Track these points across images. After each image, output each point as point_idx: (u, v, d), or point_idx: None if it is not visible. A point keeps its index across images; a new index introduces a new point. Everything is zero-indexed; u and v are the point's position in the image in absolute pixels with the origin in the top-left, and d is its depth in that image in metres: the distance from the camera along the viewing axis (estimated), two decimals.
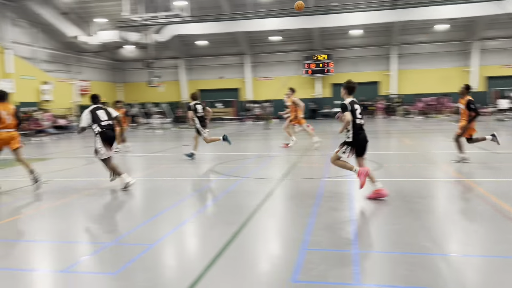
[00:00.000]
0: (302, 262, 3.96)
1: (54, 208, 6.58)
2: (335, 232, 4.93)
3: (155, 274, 3.86)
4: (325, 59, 36.07)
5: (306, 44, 36.88)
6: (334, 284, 3.53)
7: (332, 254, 4.20)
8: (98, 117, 7.89)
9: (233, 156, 12.40)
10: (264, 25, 31.60)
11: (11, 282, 3.75)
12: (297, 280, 3.57)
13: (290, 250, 4.36)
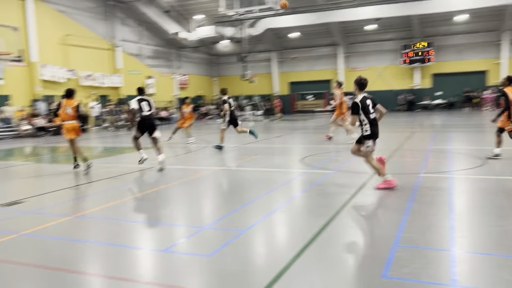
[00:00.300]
0: (393, 258, 3.84)
1: (156, 193, 7.14)
2: (431, 230, 4.68)
3: (246, 260, 4.02)
4: (425, 47, 33.91)
5: (404, 32, 35.03)
6: (429, 283, 3.37)
7: (427, 252, 4.00)
8: (141, 108, 9.39)
9: (323, 149, 12.30)
10: (358, 14, 30.65)
11: (119, 258, 4.17)
12: (388, 277, 3.48)
13: (380, 246, 4.25)
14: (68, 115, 9.43)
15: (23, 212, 6.04)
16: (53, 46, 25.60)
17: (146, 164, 9.69)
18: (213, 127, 24.28)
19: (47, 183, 8.69)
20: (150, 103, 9.62)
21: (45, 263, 3.99)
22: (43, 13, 24.82)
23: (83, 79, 27.45)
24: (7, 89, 22.90)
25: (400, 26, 34.51)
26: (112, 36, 30.02)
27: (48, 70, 24.90)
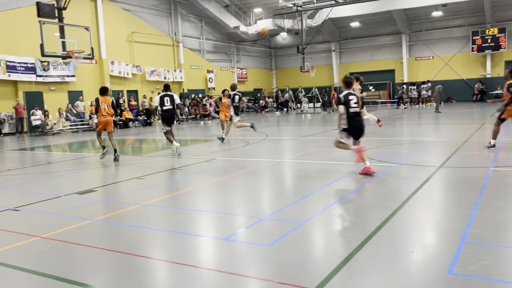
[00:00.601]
0: (460, 255, 3.67)
1: (216, 184, 7.33)
2: (502, 226, 4.42)
3: (306, 251, 4.03)
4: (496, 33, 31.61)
5: (474, 18, 32.95)
6: (499, 282, 3.20)
7: (497, 249, 3.79)
8: (163, 102, 10.97)
9: (385, 141, 11.95)
10: (423, 0, 29.21)
11: (182, 244, 4.36)
12: (455, 273, 3.34)
13: (446, 242, 4.08)
14: (104, 111, 10.50)
15: (96, 200, 6.47)
16: (120, 43, 26.93)
17: (205, 157, 9.98)
18: (271, 120, 24.38)
19: (116, 173, 9.23)
20: (173, 98, 11.13)
21: (115, 247, 4.26)
22: (111, 12, 26.16)
23: (148, 74, 28.65)
24: (79, 85, 24.48)
25: (470, 12, 32.49)
26: (175, 32, 31.00)
27: (115, 67, 26.26)
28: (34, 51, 20.69)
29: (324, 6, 30.45)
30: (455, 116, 20.88)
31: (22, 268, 3.82)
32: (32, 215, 5.74)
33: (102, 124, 10.68)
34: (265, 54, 42.25)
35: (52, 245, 4.42)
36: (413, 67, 36.13)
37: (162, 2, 30.26)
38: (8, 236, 4.80)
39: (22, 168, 10.40)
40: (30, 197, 6.84)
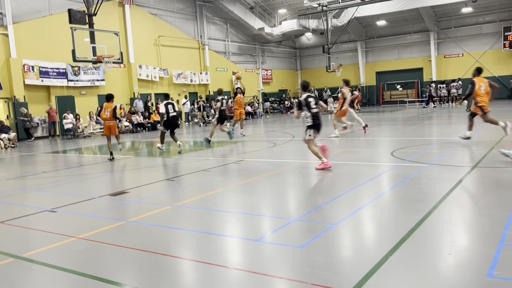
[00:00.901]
0: (500, 257, 3.57)
1: (245, 185, 7.36)
2: None
3: (338, 253, 4.01)
4: None
5: (505, 13, 32.00)
6: None
7: None
8: (168, 110, 12.19)
9: (414, 141, 11.73)
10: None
11: (215, 245, 4.40)
12: (495, 276, 3.25)
13: (484, 244, 3.97)
14: (107, 116, 11.46)
15: (128, 201, 6.62)
16: (148, 47, 27.42)
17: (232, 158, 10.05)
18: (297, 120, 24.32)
19: (146, 175, 9.40)
20: (174, 106, 12.51)
21: (148, 247, 4.34)
22: (139, 17, 26.68)
23: (175, 77, 29.04)
24: (109, 89, 25.03)
25: (500, 7, 31.57)
26: (200, 35, 31.33)
27: (143, 70, 26.75)
28: (65, 56, 21.33)
29: (349, 5, 30.16)
30: None
31: (62, 267, 3.94)
32: (68, 216, 5.91)
33: (106, 128, 11.72)
34: (290, 55, 42.16)
35: (89, 246, 4.54)
36: (441, 65, 35.33)
37: (187, 6, 30.64)
38: (47, 237, 4.96)
39: (56, 171, 10.72)
40: (65, 198, 7.04)
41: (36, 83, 21.58)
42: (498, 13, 32.26)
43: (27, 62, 21.16)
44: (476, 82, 10.05)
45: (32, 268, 4.00)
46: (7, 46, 20.71)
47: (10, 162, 13.40)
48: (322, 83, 39.30)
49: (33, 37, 21.58)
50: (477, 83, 10.04)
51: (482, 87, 10.07)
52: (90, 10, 17.13)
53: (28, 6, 21.72)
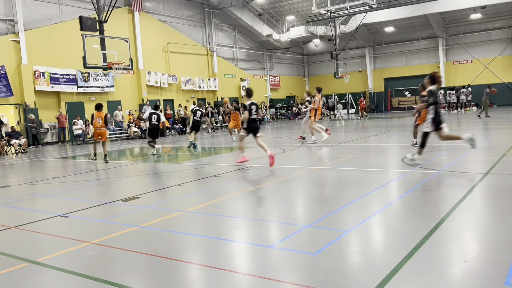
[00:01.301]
0: None
1: (256, 191, 7.36)
2: None
3: (353, 259, 3.99)
4: None
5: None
6: None
7: None
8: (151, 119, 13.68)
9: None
10: (461, 3, 28.49)
11: (228, 251, 4.39)
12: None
13: (500, 251, 3.93)
14: (98, 124, 12.65)
15: (140, 207, 6.64)
16: (157, 54, 27.64)
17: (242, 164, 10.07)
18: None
19: (156, 180, 9.43)
20: (159, 117, 13.74)
21: (161, 253, 4.35)
22: (148, 24, 26.92)
23: (183, 83, 29.21)
24: (118, 95, 25.25)
25: (510, 13, 31.47)
26: (209, 42, 31.51)
27: (152, 76, 26.94)
28: (75, 63, 21.58)
29: (357, 12, 30.20)
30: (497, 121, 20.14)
31: (76, 272, 3.96)
32: (80, 221, 5.94)
33: (97, 134, 12.93)
34: (298, 61, 42.24)
35: (102, 251, 4.56)
36: (450, 72, 35.20)
37: (196, 13, 30.86)
38: (61, 242, 4.99)
39: (66, 176, 10.80)
40: (77, 203, 7.09)
41: (47, 89, 21.82)
42: (507, 19, 32.12)
43: (37, 68, 21.41)
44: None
45: (47, 273, 4.02)
46: (19, 53, 20.98)
47: (20, 168, 13.52)
48: (330, 89, 39.30)
49: (44, 44, 21.85)
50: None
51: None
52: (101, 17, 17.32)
53: (39, 14, 22.02)
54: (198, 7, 30.92)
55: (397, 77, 37.93)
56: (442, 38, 34.78)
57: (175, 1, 29.13)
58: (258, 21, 33.64)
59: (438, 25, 33.82)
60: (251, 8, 33.12)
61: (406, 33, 36.42)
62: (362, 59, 39.21)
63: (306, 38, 36.60)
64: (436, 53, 35.56)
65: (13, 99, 20.91)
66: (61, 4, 22.85)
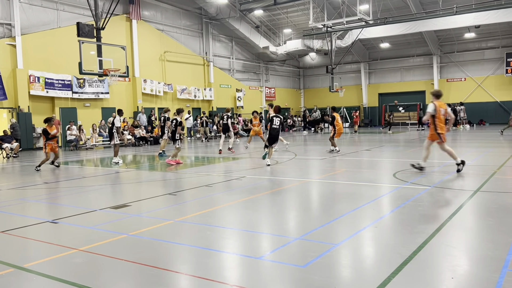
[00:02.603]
0: (503, 283, 3.55)
1: (247, 202, 7.35)
2: None
3: (341, 273, 3.99)
4: None
5: (508, 40, 32.47)
6: None
7: None
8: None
9: None
10: (455, 22, 28.95)
11: (217, 262, 4.38)
12: None
13: (487, 269, 3.95)
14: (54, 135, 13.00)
15: (130, 215, 6.60)
16: (153, 62, 27.70)
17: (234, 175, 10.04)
18: (299, 139, 24.37)
19: (148, 189, 9.39)
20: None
21: (149, 262, 4.32)
22: (145, 32, 27.02)
23: (179, 92, 29.24)
24: (113, 102, 25.22)
25: (503, 33, 32.01)
26: (206, 52, 31.67)
27: (148, 84, 26.96)
28: (71, 68, 21.58)
29: (354, 27, 30.55)
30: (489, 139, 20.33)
31: (62, 279, 3.92)
32: (70, 228, 5.90)
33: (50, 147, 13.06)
34: (294, 74, 42.52)
35: (90, 258, 4.53)
36: (444, 89, 35.56)
37: (194, 23, 31.05)
38: (49, 248, 4.94)
39: (58, 182, 10.72)
40: (67, 210, 7.03)
41: (41, 94, 21.75)
42: (501, 39, 32.64)
43: (33, 73, 21.36)
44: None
45: (33, 279, 3.98)
46: (14, 57, 20.94)
47: (11, 172, 13.41)
48: (325, 103, 39.53)
49: (40, 49, 21.84)
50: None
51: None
52: (99, 24, 17.37)
53: (37, 18, 22.04)
54: (196, 17, 31.12)
55: (391, 92, 38.27)
56: (437, 55, 35.22)
57: (173, 10, 29.31)
58: (256, 33, 33.90)
59: (433, 42, 34.27)
60: (249, 20, 33.40)
61: (401, 49, 36.86)
62: (358, 73, 39.57)
63: (302, 51, 36.89)
64: (430, 70, 35.98)
65: (7, 103, 20.80)
66: (59, 10, 22.91)
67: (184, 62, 29.78)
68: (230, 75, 34.26)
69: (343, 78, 38.77)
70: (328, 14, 29.70)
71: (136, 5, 26.00)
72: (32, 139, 21.65)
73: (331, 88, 34.45)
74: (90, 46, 17.50)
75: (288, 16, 33.81)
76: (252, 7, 30.50)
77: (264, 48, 34.56)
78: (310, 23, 29.22)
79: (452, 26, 29.77)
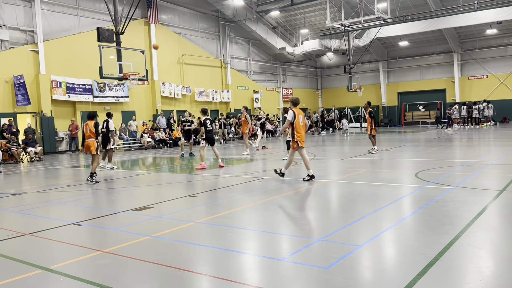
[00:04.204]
0: None
1: (268, 203, 7.34)
2: None
3: (365, 274, 3.95)
4: None
5: None
6: None
7: None
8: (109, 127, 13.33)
9: (438, 163, 11.54)
10: (477, 18, 28.33)
11: (240, 263, 4.38)
12: None
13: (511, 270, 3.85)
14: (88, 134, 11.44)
15: (152, 216, 6.67)
16: (171, 65, 27.95)
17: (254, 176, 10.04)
18: (317, 139, 24.24)
19: (169, 191, 9.48)
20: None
21: (172, 263, 4.36)
22: (163, 35, 27.28)
23: (197, 95, 29.44)
24: (132, 105, 25.54)
25: None
26: (223, 54, 31.81)
27: (166, 87, 27.22)
28: (91, 73, 21.95)
29: (372, 26, 30.24)
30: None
31: (89, 281, 3.98)
32: (93, 230, 5.99)
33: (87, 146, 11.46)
34: (311, 74, 42.33)
35: (114, 259, 4.59)
36: (465, 87, 34.92)
37: (211, 25, 31.23)
38: (74, 250, 5.03)
39: (80, 185, 10.91)
40: (91, 212, 7.15)
41: (63, 98, 22.19)
42: None
43: (55, 78, 21.81)
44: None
45: (60, 280, 4.06)
46: (37, 63, 21.42)
47: (35, 175, 13.71)
48: (343, 103, 39.23)
49: (62, 54, 22.28)
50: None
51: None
52: (118, 29, 17.62)
53: (58, 25, 22.51)
54: (213, 20, 31.29)
55: (411, 91, 37.74)
56: (457, 53, 34.58)
57: (191, 13, 29.53)
58: (272, 34, 33.88)
59: (453, 40, 33.67)
60: (266, 21, 33.40)
61: (421, 47, 36.31)
62: (376, 72, 39.15)
63: (319, 51, 36.70)
64: (451, 68, 35.35)
65: (31, 107, 21.29)
66: (79, 16, 23.34)
67: (201, 64, 29.97)
68: (247, 77, 34.32)
69: (361, 78, 38.42)
70: (345, 13, 29.48)
71: (154, 9, 26.29)
72: (55, 143, 22.08)
73: (349, 88, 34.16)
74: (110, 51, 17.77)
75: (305, 16, 33.69)
76: (268, 8, 30.48)
77: (281, 49, 34.51)
78: (327, 23, 29.03)
79: (473, 23, 29.17)
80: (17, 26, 21.06)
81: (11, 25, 20.78)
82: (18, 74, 20.56)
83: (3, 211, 7.75)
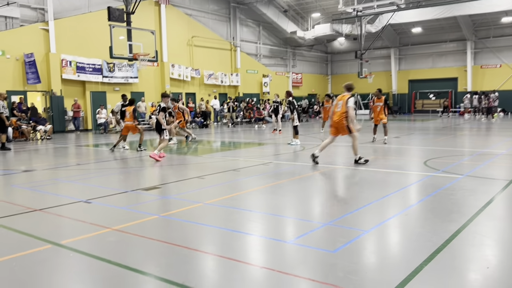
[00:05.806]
0: None
1: (275, 187, 7.36)
2: None
3: (372, 259, 3.96)
4: None
5: None
6: None
7: None
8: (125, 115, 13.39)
9: (447, 152, 11.46)
10: (492, 5, 27.74)
11: (247, 244, 4.42)
12: None
13: None
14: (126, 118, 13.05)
15: (160, 197, 6.73)
16: (181, 47, 27.83)
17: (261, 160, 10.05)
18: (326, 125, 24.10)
19: (177, 172, 9.53)
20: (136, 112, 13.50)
21: (180, 242, 4.40)
22: (174, 16, 27.11)
23: (206, 77, 29.36)
24: (142, 86, 25.57)
25: None
26: (233, 37, 31.57)
27: (176, 69, 27.16)
28: (101, 53, 21.93)
29: (385, 11, 29.75)
30: None
31: (98, 256, 4.04)
32: (103, 208, 6.06)
33: (128, 128, 13.15)
34: (321, 59, 41.94)
35: (123, 237, 4.65)
36: (478, 76, 34.41)
37: (222, 7, 30.94)
38: (83, 226, 5.10)
39: (89, 164, 11.01)
40: (99, 190, 7.23)
41: (73, 77, 22.25)
42: None
43: (65, 57, 21.84)
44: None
45: (70, 255, 4.13)
46: (47, 41, 21.43)
47: (45, 154, 13.84)
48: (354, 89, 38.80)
49: (72, 33, 22.26)
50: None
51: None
52: (129, 9, 17.54)
53: (69, 3, 22.43)
54: (224, 2, 30.98)
55: (422, 79, 37.29)
56: (471, 41, 34.00)
57: None
58: (283, 18, 33.51)
59: (467, 27, 33.07)
60: (277, 4, 33.01)
61: (434, 34, 35.72)
62: (387, 59, 38.68)
63: (331, 36, 36.27)
64: (463, 56, 34.81)
65: (41, 86, 21.38)
66: None
67: (211, 47, 29.79)
68: (257, 60, 34.09)
69: (372, 64, 37.98)
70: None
71: None
72: (64, 122, 22.24)
73: (359, 74, 33.82)
74: (120, 31, 17.71)
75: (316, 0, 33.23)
76: None
77: (291, 33, 34.16)
78: (340, 7, 28.61)
79: (488, 10, 28.60)
80: (28, 4, 21.03)
81: (22, 2, 20.75)
82: (29, 52, 20.60)
83: (15, 187, 7.86)
